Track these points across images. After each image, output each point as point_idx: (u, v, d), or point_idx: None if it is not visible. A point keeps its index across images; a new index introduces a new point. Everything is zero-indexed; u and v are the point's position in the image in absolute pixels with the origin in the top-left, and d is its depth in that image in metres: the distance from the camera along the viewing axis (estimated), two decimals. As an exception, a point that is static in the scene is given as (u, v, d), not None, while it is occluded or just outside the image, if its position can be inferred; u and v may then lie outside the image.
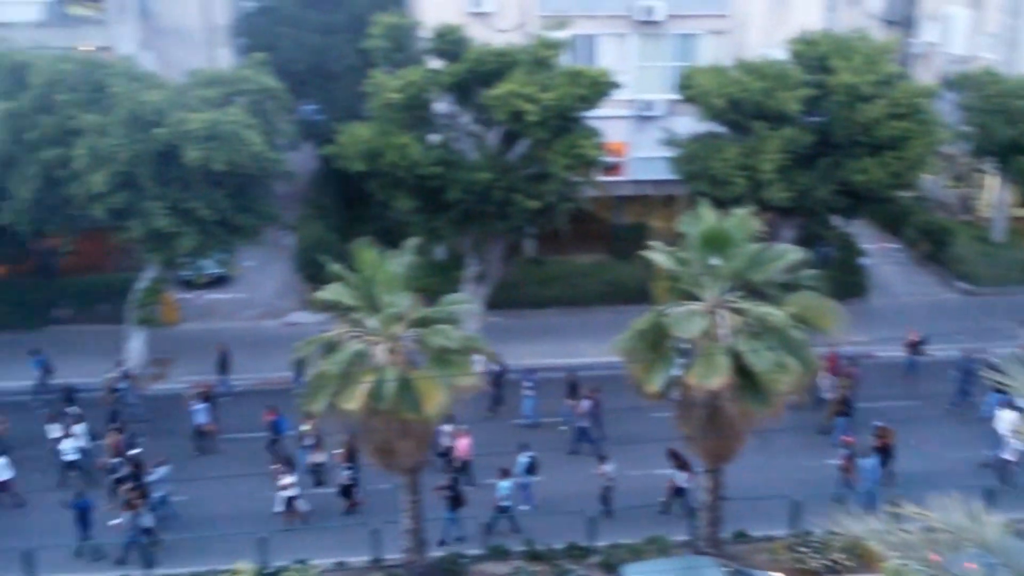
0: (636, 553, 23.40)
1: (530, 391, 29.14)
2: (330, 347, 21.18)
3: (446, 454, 26.23)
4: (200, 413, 27.85)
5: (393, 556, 23.42)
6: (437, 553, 23.71)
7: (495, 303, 32.88)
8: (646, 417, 24.86)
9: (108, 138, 27.25)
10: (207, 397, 28.24)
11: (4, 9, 35.05)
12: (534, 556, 23.80)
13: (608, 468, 25.06)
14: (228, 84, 29.72)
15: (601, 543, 23.97)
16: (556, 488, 25.92)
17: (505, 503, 24.48)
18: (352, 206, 37.93)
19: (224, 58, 38.54)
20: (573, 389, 28.78)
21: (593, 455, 26.44)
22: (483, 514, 24.50)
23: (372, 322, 20.91)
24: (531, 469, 25.56)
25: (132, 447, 25.94)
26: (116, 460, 25.35)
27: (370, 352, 20.63)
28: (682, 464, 24.69)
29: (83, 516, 23.72)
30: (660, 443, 24.16)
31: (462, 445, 25.90)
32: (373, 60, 30.76)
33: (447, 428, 25.83)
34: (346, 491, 25.54)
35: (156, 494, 24.67)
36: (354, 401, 20.02)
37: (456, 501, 24.13)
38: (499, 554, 23.93)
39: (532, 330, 34.29)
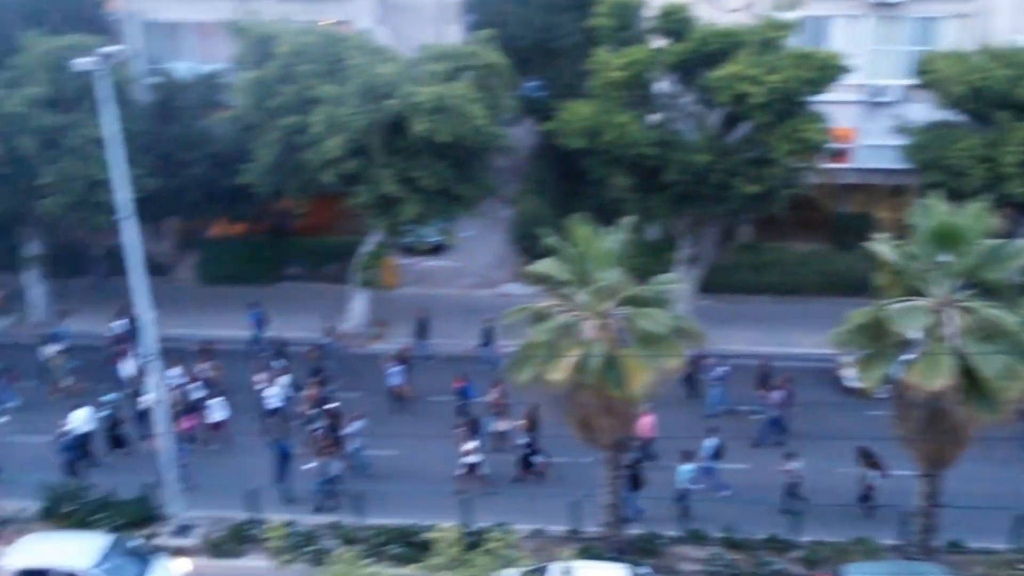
0: (841, 552, 22.71)
1: (717, 380, 28.65)
2: (539, 318, 21.62)
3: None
4: (396, 375, 29.02)
5: (589, 528, 23.73)
6: (634, 530, 23.81)
7: (707, 287, 32.45)
8: (845, 413, 24.09)
9: (343, 107, 28.65)
10: (403, 360, 29.36)
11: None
12: (732, 544, 23.51)
13: (794, 465, 24.39)
14: (456, 59, 30.59)
15: (804, 539, 23.40)
16: (741, 478, 25.53)
17: (685, 487, 24.24)
18: (569, 182, 38.23)
19: (453, 34, 39.55)
20: (765, 379, 28.15)
21: (779, 448, 25.88)
22: (663, 495, 24.41)
23: (582, 297, 21.15)
24: (717, 454, 25.23)
25: (330, 400, 27.36)
26: (314, 411, 26.91)
27: (578, 326, 20.90)
28: (873, 463, 23.75)
29: (282, 460, 25.36)
30: (856, 441, 23.38)
31: (645, 424, 25.71)
32: (597, 38, 30.86)
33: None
34: (525, 460, 26.00)
35: (351, 446, 26.10)
36: (559, 373, 20.37)
37: (635, 481, 24.10)
38: (697, 538, 23.79)
39: (743, 316, 33.64)
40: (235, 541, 24.10)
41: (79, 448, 26.25)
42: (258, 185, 31.26)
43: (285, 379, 28.52)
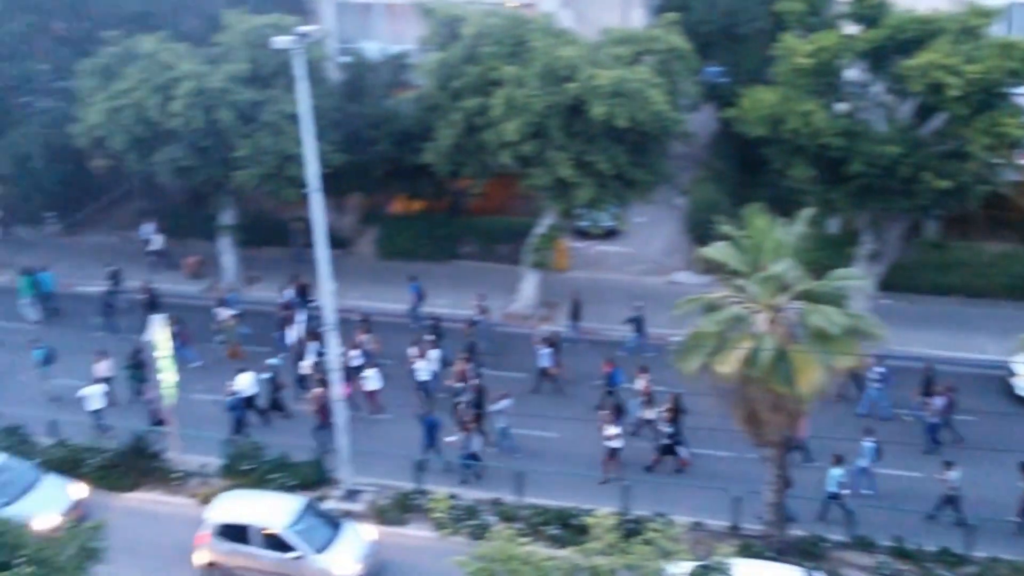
0: (1020, 572, 21.50)
1: (877, 381, 27.41)
2: (710, 308, 21.33)
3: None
4: (545, 357, 29.19)
5: (748, 526, 23.34)
6: (796, 531, 23.27)
7: (888, 285, 31.18)
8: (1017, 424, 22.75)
9: (524, 89, 28.95)
10: (552, 343, 29.53)
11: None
12: (901, 554, 22.64)
13: (952, 475, 23.22)
14: (639, 43, 30.40)
15: (979, 554, 22.31)
16: (901, 485, 24.60)
17: (836, 490, 23.45)
18: (747, 171, 37.43)
19: (637, 18, 39.28)
20: (928, 384, 26.89)
21: (937, 456, 24.92)
22: (813, 496, 23.75)
23: (755, 289, 20.73)
24: (874, 456, 24.36)
25: (477, 376, 27.74)
26: (460, 385, 27.49)
27: (750, 319, 20.51)
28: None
29: (430, 432, 26.01)
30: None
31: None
32: (785, 23, 30.00)
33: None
34: (666, 450, 25.83)
35: (497, 424, 26.63)
36: (728, 365, 20.06)
37: (784, 480, 23.49)
38: (864, 545, 23.03)
39: (924, 317, 32.17)
40: (400, 510, 24.93)
41: (244, 409, 27.70)
42: (438, 164, 31.99)
43: (434, 353, 29.16)
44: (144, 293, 33.13)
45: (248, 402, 27.96)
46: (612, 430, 25.43)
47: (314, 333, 29.28)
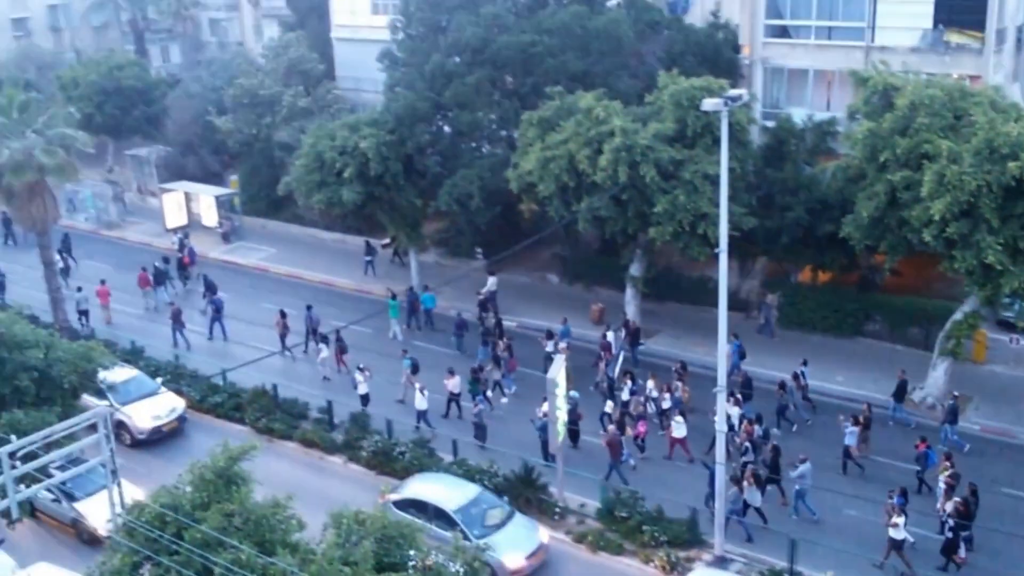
0: None
1: None
2: None
3: None
4: (850, 436, 28.04)
5: None
6: None
7: None
8: None
9: (958, 166, 27.25)
10: (858, 422, 28.24)
11: (886, 34, 37.06)
12: None
13: None
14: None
15: None
16: None
17: None
18: None
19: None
20: None
21: None
22: None
23: None
24: None
25: (767, 437, 27.93)
26: (747, 443, 27.63)
27: None
28: None
29: (712, 481, 25.44)
30: None
31: None
32: None
33: None
34: (950, 546, 23.72)
35: (795, 487, 26.35)
36: None
37: None
38: None
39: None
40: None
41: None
42: (854, 237, 30.94)
43: (735, 410, 29.02)
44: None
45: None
46: (896, 519, 23.74)
47: (629, 373, 31.53)
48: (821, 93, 39.34)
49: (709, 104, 23.63)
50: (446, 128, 40.61)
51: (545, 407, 28.80)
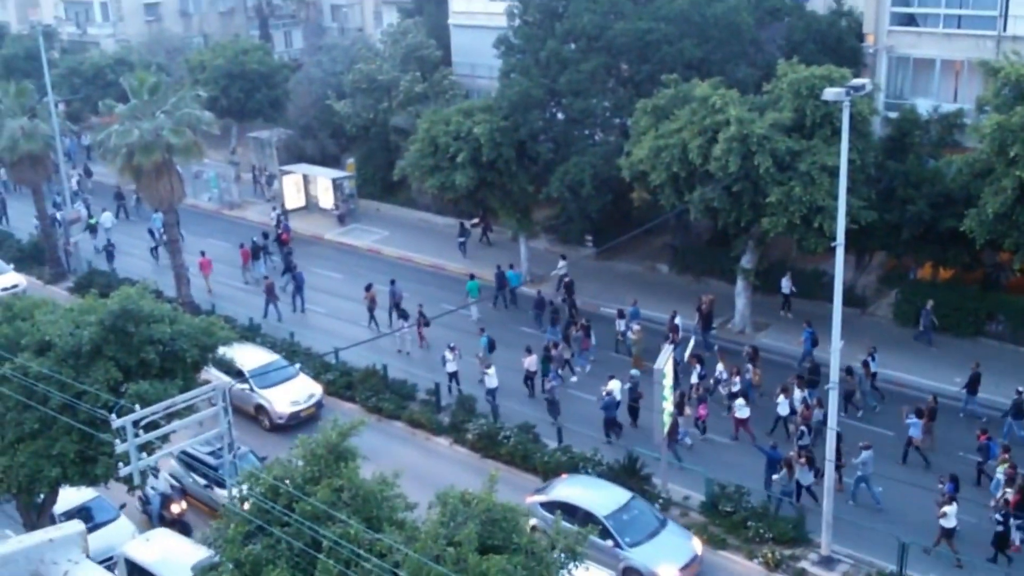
0: None
1: None
2: None
3: None
4: (914, 426, 27.79)
5: None
6: None
7: None
8: None
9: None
10: (921, 413, 28.01)
11: (1019, 23, 35.57)
12: None
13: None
14: None
15: None
16: None
17: None
18: None
19: None
20: None
21: None
22: None
23: None
24: None
25: (824, 422, 26.65)
26: (803, 427, 27.81)
27: None
28: None
29: (770, 464, 26.52)
30: None
31: None
32: None
33: None
34: (1002, 537, 23.31)
35: (856, 474, 26.22)
36: None
37: None
38: None
39: None
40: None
41: (615, 410, 29.94)
42: (978, 232, 29.88)
43: (798, 393, 29.31)
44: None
45: (616, 404, 30.06)
46: (946, 508, 23.69)
47: (698, 356, 31.77)
48: (948, 84, 38.00)
49: (830, 94, 23.07)
50: (559, 115, 40.62)
51: (610, 385, 29.91)
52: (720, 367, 31.61)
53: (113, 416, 20.20)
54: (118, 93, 44.17)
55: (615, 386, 30.12)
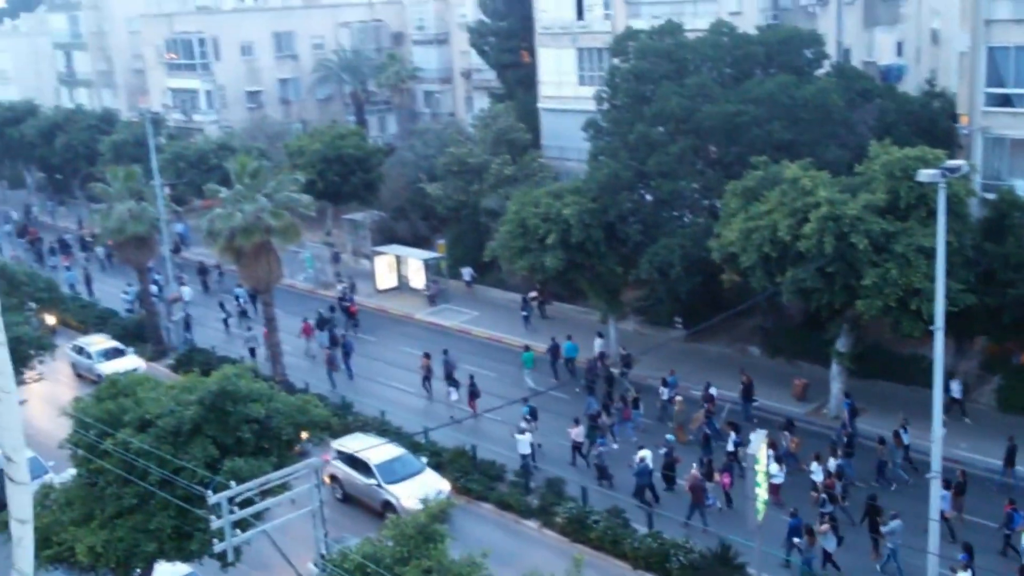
0: None
1: None
2: None
3: None
4: (943, 500, 26.85)
5: None
6: None
7: None
8: None
9: None
10: (950, 486, 27.71)
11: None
12: None
13: None
14: None
15: None
16: None
17: None
18: None
19: None
20: None
21: None
22: None
23: None
24: None
25: (846, 492, 29.01)
26: (824, 495, 28.23)
27: None
28: None
29: (790, 532, 26.91)
30: None
31: None
32: None
33: None
34: None
35: (886, 544, 26.48)
36: None
37: None
38: None
39: None
40: None
41: (647, 477, 30.53)
42: None
43: (831, 462, 29.82)
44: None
45: (650, 472, 30.70)
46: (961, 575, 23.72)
47: (732, 423, 32.73)
48: (1049, 164, 37.20)
49: (925, 175, 22.81)
50: (648, 197, 40.82)
51: (641, 453, 30.80)
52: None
53: (209, 492, 20.61)
54: (221, 177, 45.96)
55: (646, 454, 30.86)
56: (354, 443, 32.24)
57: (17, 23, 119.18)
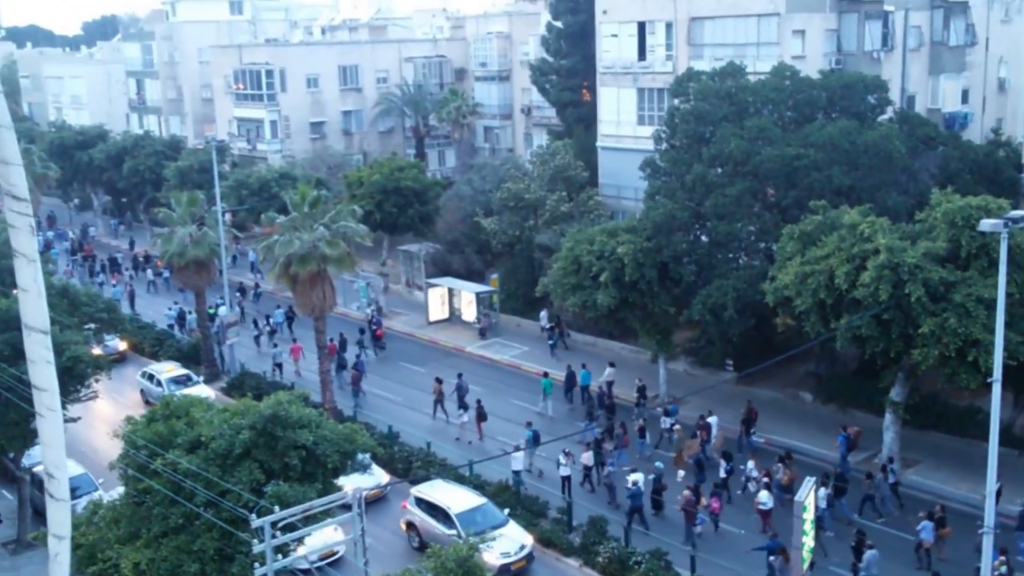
0: None
1: None
2: None
3: None
4: (925, 531, 28.47)
5: None
6: None
7: None
8: None
9: None
10: (932, 517, 28.59)
11: None
12: None
13: None
14: None
15: None
16: None
17: None
18: None
19: None
20: None
21: None
22: None
23: None
24: None
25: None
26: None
27: None
28: None
29: (769, 554, 27.82)
30: None
31: None
32: None
33: None
34: None
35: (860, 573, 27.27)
36: None
37: None
38: None
39: None
40: None
41: (639, 499, 31.52)
42: None
43: (822, 492, 30.18)
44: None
45: (641, 496, 31.65)
46: None
47: (725, 452, 33.90)
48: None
49: (987, 224, 22.43)
50: (703, 237, 40.62)
51: (632, 476, 32.12)
52: (751, 464, 33.69)
53: (253, 516, 20.77)
54: (281, 205, 46.67)
55: (638, 478, 32.07)
56: (434, 491, 31.64)
57: (93, 51, 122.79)
